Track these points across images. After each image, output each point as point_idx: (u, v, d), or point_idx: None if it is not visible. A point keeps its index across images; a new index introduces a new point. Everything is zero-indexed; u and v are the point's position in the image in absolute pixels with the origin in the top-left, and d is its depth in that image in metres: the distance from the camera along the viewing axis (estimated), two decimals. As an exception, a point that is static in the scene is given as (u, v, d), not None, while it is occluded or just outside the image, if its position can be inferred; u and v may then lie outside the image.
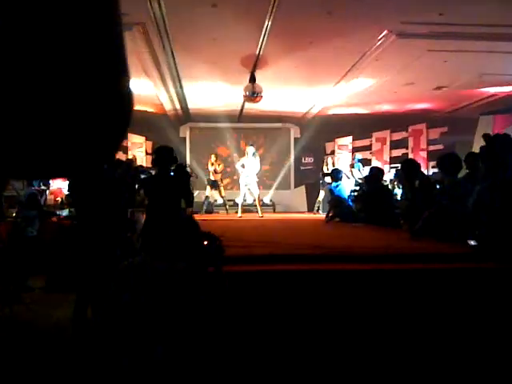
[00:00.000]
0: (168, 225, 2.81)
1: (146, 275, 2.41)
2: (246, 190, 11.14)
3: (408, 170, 6.45)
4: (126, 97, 1.09)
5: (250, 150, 11.17)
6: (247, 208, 13.52)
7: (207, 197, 12.66)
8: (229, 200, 13.20)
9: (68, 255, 5.35)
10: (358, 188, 9.03)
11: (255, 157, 11.10)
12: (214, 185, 12.59)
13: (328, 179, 10.87)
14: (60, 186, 9.26)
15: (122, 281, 2.44)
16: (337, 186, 9.40)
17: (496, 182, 4.11)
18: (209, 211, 12.67)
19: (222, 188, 12.74)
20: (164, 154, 4.81)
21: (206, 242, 2.72)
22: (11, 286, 5.65)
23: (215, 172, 12.58)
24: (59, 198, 8.99)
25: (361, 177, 10.31)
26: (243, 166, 11.04)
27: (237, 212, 11.45)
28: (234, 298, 2.86)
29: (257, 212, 11.21)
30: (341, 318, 3.21)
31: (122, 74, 1.03)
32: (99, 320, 3.15)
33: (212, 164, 12.65)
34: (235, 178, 13.71)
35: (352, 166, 11.88)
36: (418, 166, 6.64)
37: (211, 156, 12.84)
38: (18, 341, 4.45)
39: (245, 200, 11.62)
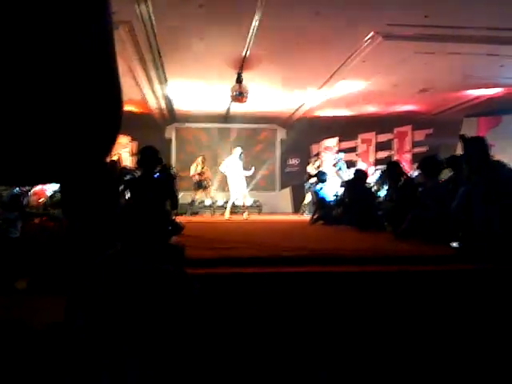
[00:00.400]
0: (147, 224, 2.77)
1: (116, 271, 2.39)
2: (236, 191, 11.15)
3: (393, 172, 6.49)
4: (116, 103, 1.08)
5: (237, 150, 11.30)
6: (232, 210, 13.50)
7: (193, 200, 12.69)
8: (213, 202, 13.25)
9: (53, 257, 5.25)
10: (340, 192, 9.04)
11: (241, 159, 11.23)
12: (201, 186, 12.55)
13: (312, 181, 10.89)
14: (43, 187, 9.11)
15: (94, 276, 2.41)
16: (321, 188, 9.42)
17: (477, 183, 4.14)
18: (194, 213, 12.65)
19: (210, 188, 12.77)
20: (149, 155, 4.76)
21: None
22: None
23: (202, 173, 12.57)
24: (42, 199, 8.86)
25: (344, 177, 10.33)
26: (227, 166, 11.20)
27: (223, 214, 11.44)
28: (218, 301, 2.84)
29: (242, 214, 11.22)
30: (327, 319, 3.20)
31: (112, 82, 1.02)
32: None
33: (197, 165, 12.63)
34: (220, 179, 13.78)
35: (334, 165, 11.93)
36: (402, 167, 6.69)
37: (198, 158, 12.89)
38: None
39: (233, 202, 11.61)
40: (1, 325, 4.92)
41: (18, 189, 7.27)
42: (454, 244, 4.42)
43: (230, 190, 11.46)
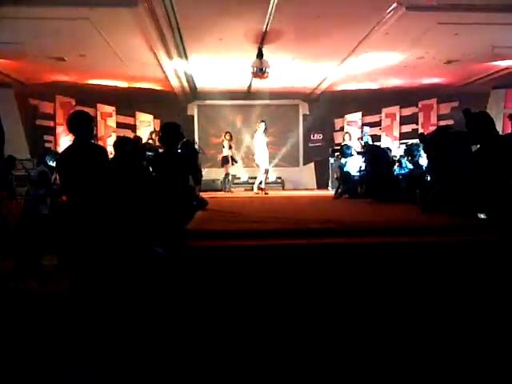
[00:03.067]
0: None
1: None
2: (264, 165, 11.42)
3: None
4: None
5: (262, 125, 11.58)
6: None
7: (227, 174, 12.79)
8: (237, 177, 13.39)
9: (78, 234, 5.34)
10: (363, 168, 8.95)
11: (265, 133, 11.51)
12: (228, 161, 12.73)
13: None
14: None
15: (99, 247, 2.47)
16: (346, 162, 9.37)
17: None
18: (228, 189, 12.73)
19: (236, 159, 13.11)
20: (171, 131, 4.76)
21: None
22: (25, 262, 5.71)
23: (230, 148, 12.78)
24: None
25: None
26: (257, 140, 11.48)
27: (247, 189, 11.64)
28: (246, 272, 2.88)
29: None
30: (353, 291, 3.22)
31: None
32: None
33: (224, 141, 12.83)
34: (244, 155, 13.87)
35: (361, 138, 11.78)
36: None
37: (225, 135, 12.94)
38: (31, 315, 4.51)
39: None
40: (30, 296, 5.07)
41: (46, 165, 7.42)
42: (482, 215, 4.39)
43: (258, 165, 11.63)
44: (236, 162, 13.00)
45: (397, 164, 8.66)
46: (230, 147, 12.81)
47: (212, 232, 3.92)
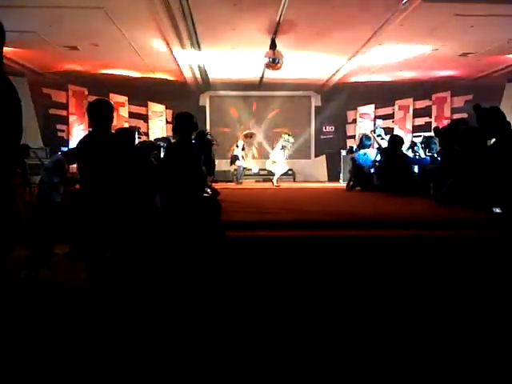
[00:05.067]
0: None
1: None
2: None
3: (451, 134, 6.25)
4: None
5: (288, 138, 11.63)
6: (267, 177, 13.65)
7: (240, 167, 12.86)
8: (248, 169, 13.43)
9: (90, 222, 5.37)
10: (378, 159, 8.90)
11: (288, 145, 11.61)
12: (237, 158, 12.87)
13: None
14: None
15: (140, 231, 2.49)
16: (365, 153, 9.31)
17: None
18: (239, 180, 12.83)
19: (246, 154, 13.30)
20: (184, 121, 4.75)
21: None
22: (37, 250, 5.75)
23: (243, 149, 12.94)
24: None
25: (384, 144, 10.13)
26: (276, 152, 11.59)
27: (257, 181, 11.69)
28: (260, 263, 2.88)
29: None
30: (366, 283, 3.21)
31: None
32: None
33: (239, 139, 13.03)
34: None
35: (374, 131, 11.67)
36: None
37: (246, 134, 13.19)
38: (43, 302, 4.54)
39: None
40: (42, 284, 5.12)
41: (61, 153, 7.46)
42: (497, 210, 4.35)
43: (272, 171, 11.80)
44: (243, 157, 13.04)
45: (410, 150, 8.61)
46: (244, 149, 12.84)
47: (225, 223, 3.91)
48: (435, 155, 7.68)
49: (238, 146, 12.92)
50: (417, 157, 8.35)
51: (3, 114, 2.00)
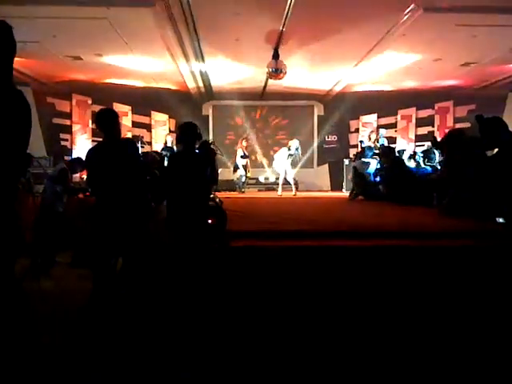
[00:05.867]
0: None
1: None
2: (283, 170, 11.06)
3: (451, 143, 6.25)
4: None
5: (294, 143, 10.94)
6: (270, 186, 13.63)
7: (241, 176, 12.67)
8: (252, 179, 13.34)
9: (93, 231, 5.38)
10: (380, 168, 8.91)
11: (297, 151, 10.94)
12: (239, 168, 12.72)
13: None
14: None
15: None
16: (368, 163, 9.33)
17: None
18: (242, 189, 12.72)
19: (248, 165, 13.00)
20: (188, 131, 4.77)
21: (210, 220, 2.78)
22: (39, 259, 5.75)
23: (245, 156, 12.74)
24: (84, 176, 9.09)
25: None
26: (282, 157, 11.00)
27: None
28: (263, 273, 2.88)
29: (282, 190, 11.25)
30: (370, 293, 3.20)
31: None
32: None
33: (239, 148, 12.79)
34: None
35: (377, 140, 11.64)
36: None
37: (242, 141, 12.89)
38: (44, 314, 4.54)
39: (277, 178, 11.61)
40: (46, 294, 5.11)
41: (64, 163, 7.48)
42: (500, 219, 4.34)
43: (278, 171, 11.42)
44: (246, 166, 12.87)
45: (412, 160, 8.62)
46: (245, 156, 12.75)
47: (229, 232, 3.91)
48: (435, 165, 7.71)
49: (237, 155, 12.83)
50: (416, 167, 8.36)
51: (14, 125, 2.02)
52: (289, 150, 10.88)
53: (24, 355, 2.13)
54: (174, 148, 10.75)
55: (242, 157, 12.66)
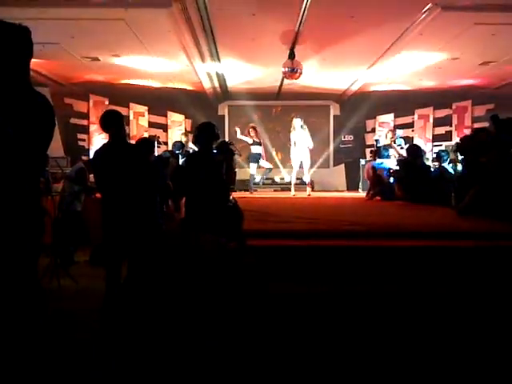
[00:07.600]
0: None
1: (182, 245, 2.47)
2: (298, 165, 10.39)
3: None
4: None
5: (297, 122, 10.24)
6: (285, 186, 13.51)
7: (251, 175, 11.79)
8: (267, 179, 13.12)
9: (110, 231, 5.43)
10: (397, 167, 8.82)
11: (304, 129, 10.19)
12: (257, 159, 11.76)
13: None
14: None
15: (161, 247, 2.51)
16: (381, 163, 9.27)
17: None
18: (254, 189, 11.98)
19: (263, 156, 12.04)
20: (206, 131, 4.79)
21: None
22: (58, 259, 5.82)
23: (256, 143, 11.79)
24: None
25: (403, 153, 10.03)
26: (295, 143, 10.24)
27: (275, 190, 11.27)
28: (276, 272, 2.88)
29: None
30: (385, 295, 3.18)
31: None
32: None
33: (251, 136, 11.84)
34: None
35: (394, 141, 11.52)
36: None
37: (249, 130, 11.95)
38: (64, 314, 4.58)
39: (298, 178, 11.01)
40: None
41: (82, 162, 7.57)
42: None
43: (292, 166, 10.65)
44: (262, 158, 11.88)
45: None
46: (256, 143, 11.77)
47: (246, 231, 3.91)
48: (446, 166, 7.67)
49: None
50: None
51: (37, 126, 2.05)
52: (301, 127, 10.15)
53: (43, 353, 2.15)
54: (190, 145, 10.62)
55: (252, 144, 11.73)
